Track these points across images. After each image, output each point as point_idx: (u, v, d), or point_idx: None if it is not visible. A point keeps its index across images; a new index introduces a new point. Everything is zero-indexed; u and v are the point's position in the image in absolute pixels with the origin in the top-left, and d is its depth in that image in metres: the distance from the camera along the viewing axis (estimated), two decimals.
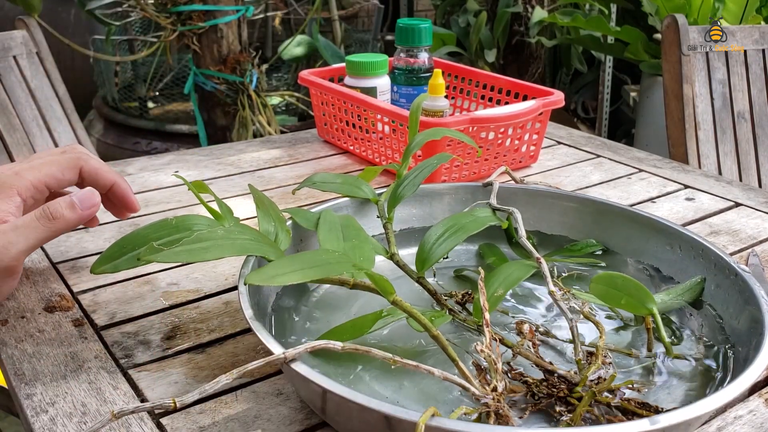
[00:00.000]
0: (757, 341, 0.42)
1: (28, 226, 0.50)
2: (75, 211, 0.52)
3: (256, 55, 2.10)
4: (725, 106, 1.29)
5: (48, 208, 0.51)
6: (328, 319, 0.51)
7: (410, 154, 0.61)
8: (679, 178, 0.82)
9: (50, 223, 0.51)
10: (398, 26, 0.87)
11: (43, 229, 0.50)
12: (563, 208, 0.61)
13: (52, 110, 1.23)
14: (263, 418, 0.43)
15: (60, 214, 0.51)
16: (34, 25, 1.24)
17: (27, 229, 0.50)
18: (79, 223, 0.53)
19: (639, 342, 0.48)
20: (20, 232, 0.49)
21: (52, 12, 2.89)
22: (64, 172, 0.55)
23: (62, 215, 0.51)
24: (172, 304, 0.55)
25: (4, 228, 0.49)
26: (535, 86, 0.85)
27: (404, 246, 0.60)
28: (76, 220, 0.52)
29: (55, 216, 0.51)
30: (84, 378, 0.46)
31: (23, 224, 0.50)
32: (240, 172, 0.84)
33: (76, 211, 0.52)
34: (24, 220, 0.50)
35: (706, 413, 0.36)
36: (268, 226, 0.51)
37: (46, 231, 0.50)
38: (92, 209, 0.53)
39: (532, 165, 0.86)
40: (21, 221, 0.50)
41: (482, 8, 2.84)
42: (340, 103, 0.87)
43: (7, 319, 0.53)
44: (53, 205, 0.51)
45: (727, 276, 0.49)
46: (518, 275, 0.50)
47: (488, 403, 0.38)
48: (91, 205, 0.53)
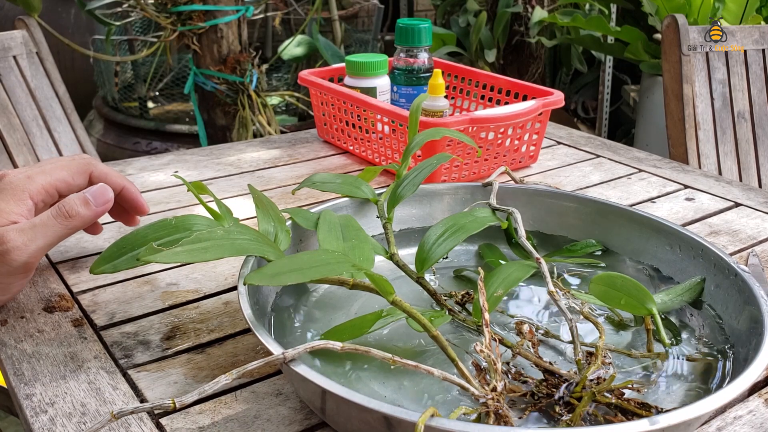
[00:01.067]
0: (756, 341, 0.42)
1: (45, 224, 0.51)
2: (90, 207, 0.53)
3: (256, 55, 2.10)
4: (725, 106, 1.29)
5: (63, 206, 0.52)
6: (328, 319, 0.51)
7: (410, 154, 0.61)
8: (679, 178, 0.82)
9: (66, 221, 0.51)
10: (398, 26, 0.87)
11: (60, 227, 0.51)
12: (563, 208, 0.61)
13: (52, 110, 1.23)
14: (263, 419, 0.43)
15: (75, 212, 0.52)
16: (34, 25, 1.24)
17: (44, 227, 0.51)
18: (93, 219, 0.54)
19: (639, 342, 0.48)
20: (38, 230, 0.50)
21: (52, 12, 2.89)
22: (74, 176, 0.56)
23: (78, 212, 0.52)
24: (171, 304, 0.55)
25: (22, 226, 0.50)
26: (535, 86, 0.85)
27: (404, 246, 0.60)
28: (91, 216, 0.53)
29: (71, 214, 0.52)
30: (83, 378, 0.46)
31: (40, 223, 0.51)
32: (240, 172, 0.84)
33: (90, 208, 0.53)
34: (41, 219, 0.51)
35: (706, 413, 0.36)
36: (267, 226, 0.51)
37: (62, 229, 0.51)
38: (106, 205, 0.54)
39: (532, 165, 0.86)
40: (38, 220, 0.51)
41: (482, 8, 2.84)
42: (339, 103, 0.87)
43: (6, 319, 0.53)
44: (68, 202, 0.52)
45: (727, 276, 0.49)
46: (518, 275, 0.50)
47: (488, 403, 0.38)
48: (105, 201, 0.54)
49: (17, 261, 0.49)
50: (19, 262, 0.49)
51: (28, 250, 0.49)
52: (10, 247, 0.49)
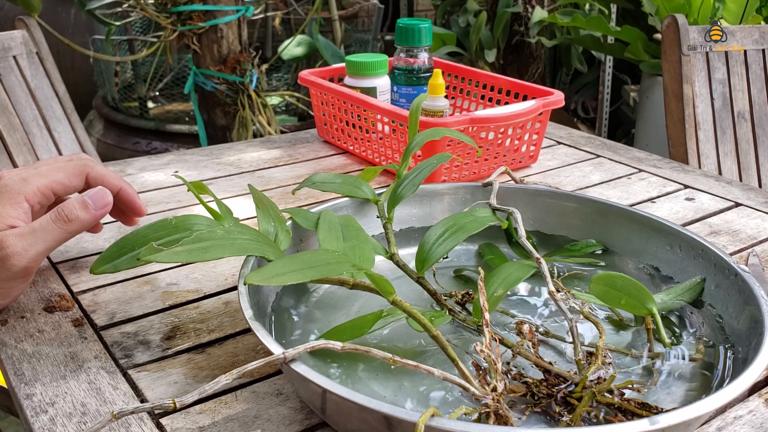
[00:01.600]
0: (757, 341, 0.42)
1: (45, 229, 0.50)
2: (89, 211, 0.53)
3: (256, 55, 2.10)
4: (725, 106, 1.29)
5: (63, 210, 0.51)
6: (328, 319, 0.51)
7: (410, 154, 0.61)
8: (679, 178, 0.82)
9: (66, 225, 0.51)
10: (398, 26, 0.87)
11: (60, 232, 0.51)
12: (563, 208, 0.61)
13: (52, 110, 1.23)
14: (263, 419, 0.43)
15: (75, 216, 0.52)
16: (34, 25, 1.24)
17: (44, 232, 0.50)
18: (93, 223, 0.53)
19: (639, 342, 0.48)
20: (37, 235, 0.50)
21: (52, 12, 2.89)
22: (70, 178, 0.55)
23: (77, 216, 0.52)
24: (171, 304, 0.55)
25: (22, 231, 0.50)
26: (535, 86, 0.85)
27: (404, 246, 0.60)
28: (90, 220, 0.53)
29: (71, 218, 0.52)
30: (84, 378, 0.46)
31: (40, 227, 0.50)
32: (240, 172, 0.84)
33: (89, 212, 0.53)
34: (40, 223, 0.51)
35: (706, 413, 0.36)
36: (267, 226, 0.51)
37: (62, 233, 0.51)
38: (105, 209, 0.54)
39: (532, 165, 0.86)
40: (37, 224, 0.50)
41: (482, 8, 2.84)
42: (339, 103, 0.87)
43: (6, 319, 0.53)
44: (67, 206, 0.52)
45: (727, 276, 0.49)
46: (518, 275, 0.50)
47: (488, 404, 0.38)
48: (104, 205, 0.54)
49: (17, 266, 0.49)
50: (19, 267, 0.49)
51: (27, 255, 0.49)
52: (10, 252, 0.49)
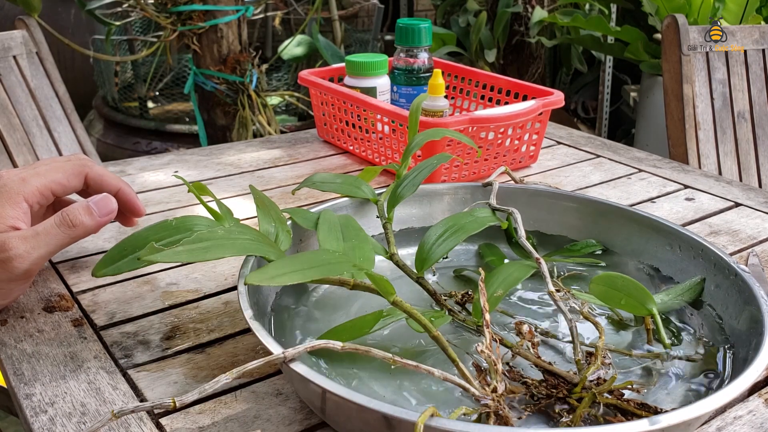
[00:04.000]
0: (756, 341, 0.42)
1: (48, 233, 0.50)
2: (93, 217, 0.53)
3: (256, 55, 2.10)
4: (725, 106, 1.29)
5: (68, 215, 0.51)
6: (328, 319, 0.51)
7: (410, 154, 0.61)
8: (679, 178, 0.82)
9: (69, 230, 0.51)
10: (398, 26, 0.87)
11: (63, 236, 0.51)
12: (563, 208, 0.61)
13: (52, 110, 1.23)
14: (263, 418, 0.43)
15: (79, 221, 0.52)
16: (34, 25, 1.24)
17: (47, 236, 0.50)
18: (96, 229, 0.54)
19: (639, 342, 0.48)
20: (40, 239, 0.50)
21: (52, 12, 2.89)
22: (69, 178, 0.55)
23: (81, 222, 0.52)
24: (171, 304, 0.55)
25: (25, 234, 0.50)
26: (535, 86, 0.85)
27: (404, 246, 0.60)
28: (94, 226, 0.53)
29: (75, 223, 0.52)
30: (83, 378, 0.46)
31: (43, 231, 0.50)
32: (240, 172, 0.84)
33: (94, 218, 0.53)
34: (44, 227, 0.51)
35: (705, 413, 0.36)
36: (268, 226, 0.51)
37: (65, 238, 0.51)
38: (110, 215, 0.54)
39: (532, 165, 0.86)
40: (41, 228, 0.50)
41: (482, 8, 2.84)
42: (339, 103, 0.87)
43: (6, 319, 0.53)
44: (72, 211, 0.52)
45: (727, 276, 0.49)
46: (518, 275, 0.50)
47: (488, 404, 0.38)
48: (108, 212, 0.54)
49: (19, 268, 0.49)
50: (21, 270, 0.49)
51: (30, 258, 0.49)
52: (13, 255, 0.49)
